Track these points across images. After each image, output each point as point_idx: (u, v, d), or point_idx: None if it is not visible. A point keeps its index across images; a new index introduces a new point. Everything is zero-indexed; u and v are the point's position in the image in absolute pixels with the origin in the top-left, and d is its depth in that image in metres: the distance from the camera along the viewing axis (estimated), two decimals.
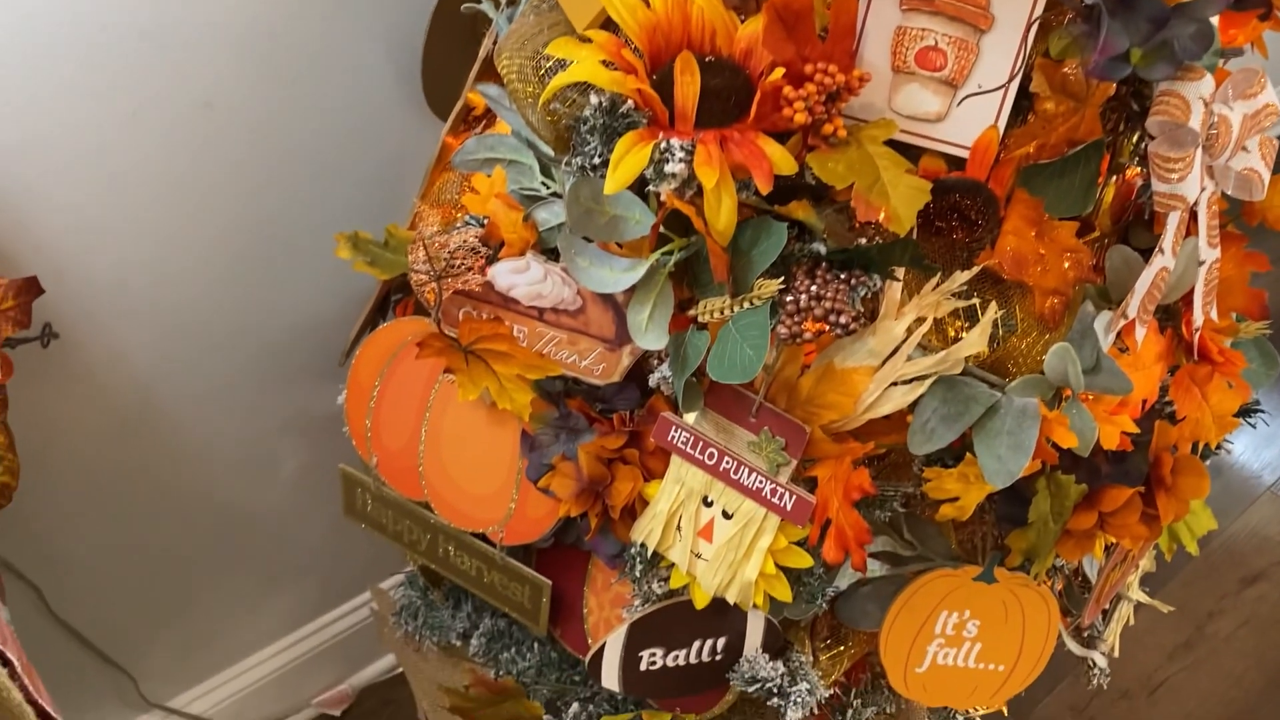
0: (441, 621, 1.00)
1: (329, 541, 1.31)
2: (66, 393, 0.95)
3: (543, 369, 0.78)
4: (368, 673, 1.46)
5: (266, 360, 1.10)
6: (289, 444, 1.18)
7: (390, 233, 0.87)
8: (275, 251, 1.04)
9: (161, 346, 1.01)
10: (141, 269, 0.95)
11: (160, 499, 1.11)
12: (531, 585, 0.89)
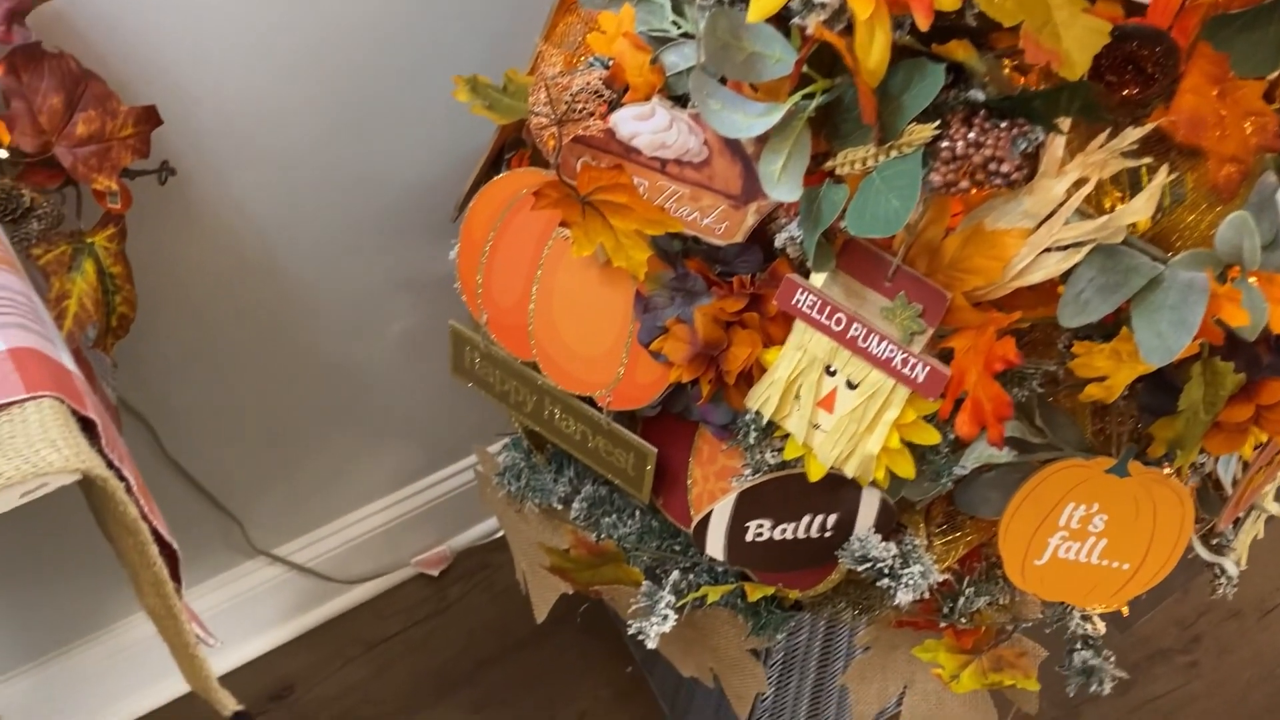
0: (544, 484, 0.99)
1: (435, 404, 1.31)
2: (182, 233, 0.95)
3: (662, 224, 0.74)
4: (466, 536, 1.48)
5: (380, 216, 1.08)
6: (399, 303, 1.18)
7: (509, 78, 0.83)
8: (393, 101, 1.01)
9: (279, 194, 0.99)
10: (261, 109, 0.93)
11: (272, 351, 1.11)
12: (637, 452, 0.87)
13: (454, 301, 1.20)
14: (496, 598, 1.46)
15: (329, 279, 1.10)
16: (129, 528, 0.58)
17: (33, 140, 0.72)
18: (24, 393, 0.53)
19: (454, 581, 1.47)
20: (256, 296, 1.06)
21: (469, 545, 1.49)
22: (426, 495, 1.41)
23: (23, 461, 0.51)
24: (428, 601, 1.45)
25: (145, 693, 1.29)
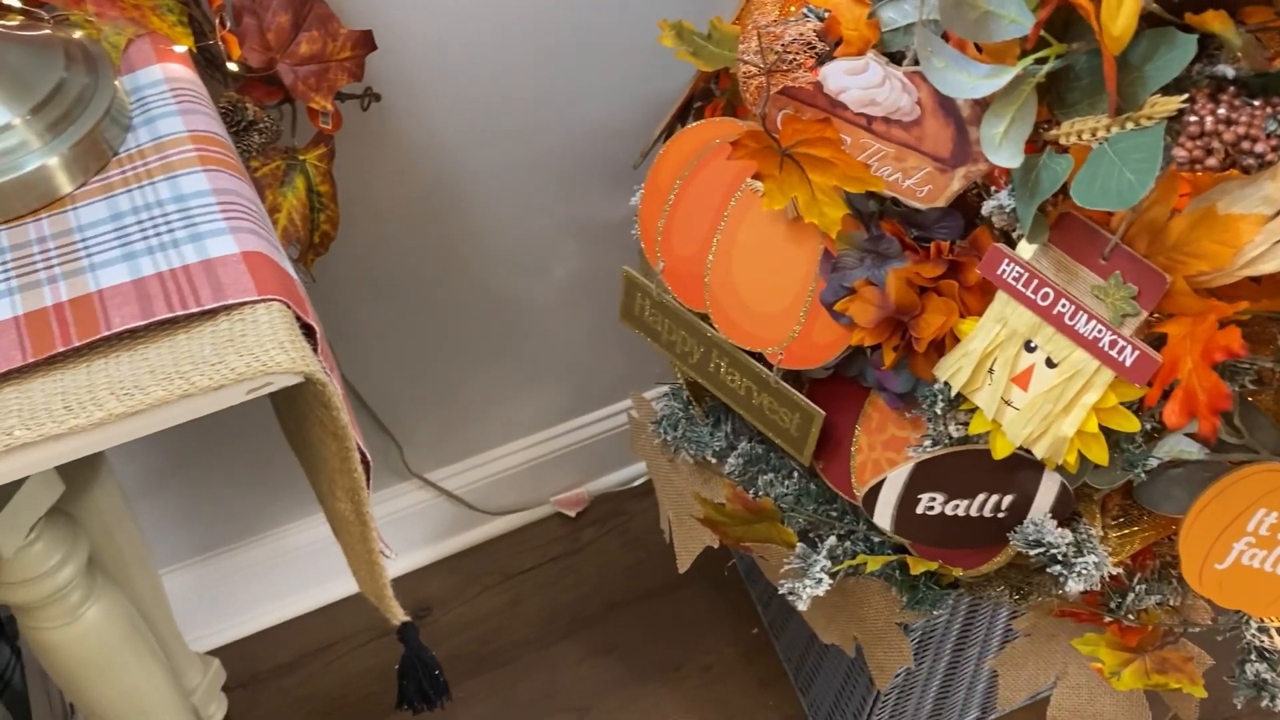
0: (700, 437, 0.99)
1: (590, 348, 1.33)
2: (376, 159, 0.97)
3: (864, 182, 0.73)
4: (604, 481, 1.50)
5: (563, 156, 1.09)
6: (567, 245, 1.19)
7: (714, 25, 0.82)
8: (589, 43, 1.01)
9: (470, 128, 1.01)
10: (463, 41, 0.95)
11: (445, 281, 1.14)
12: (803, 413, 0.86)
13: (620, 249, 1.21)
14: (629, 544, 1.48)
15: (506, 215, 1.12)
16: (336, 434, 0.60)
17: (260, 56, 0.75)
18: (256, 295, 0.56)
19: (589, 524, 1.49)
20: (437, 227, 1.08)
21: (606, 490, 1.51)
22: (571, 437, 1.43)
23: (253, 359, 0.54)
24: (563, 540, 1.47)
25: (297, 597, 1.36)
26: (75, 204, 0.60)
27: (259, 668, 1.34)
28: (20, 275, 0.56)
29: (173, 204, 0.60)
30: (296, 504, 1.28)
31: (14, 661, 1.03)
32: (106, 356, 0.54)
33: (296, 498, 1.27)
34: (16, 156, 0.59)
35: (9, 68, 0.60)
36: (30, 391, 0.52)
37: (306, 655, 1.35)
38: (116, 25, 0.68)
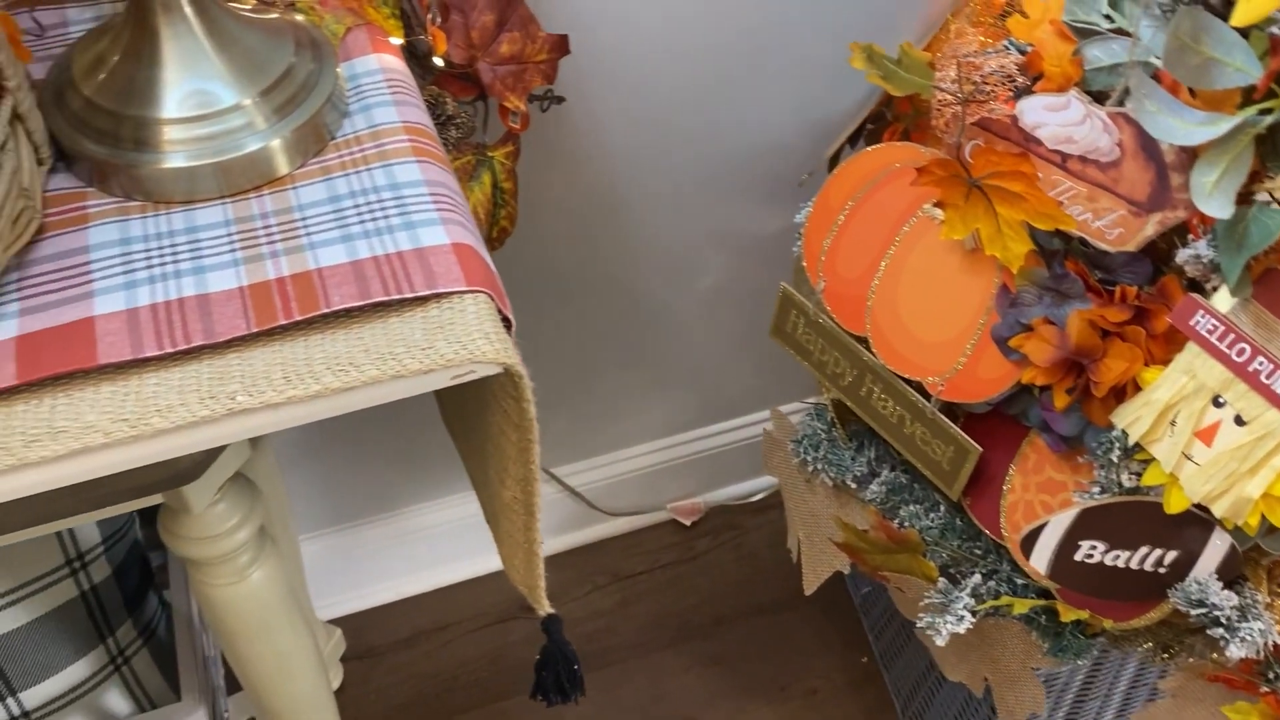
0: (841, 460, 0.99)
1: (722, 360, 1.33)
2: (548, 159, 1.00)
3: (1054, 220, 0.72)
4: (721, 493, 1.51)
5: (725, 168, 1.10)
6: (716, 257, 1.20)
7: (905, 51, 0.82)
8: (765, 59, 1.02)
9: (639, 134, 1.03)
10: (644, 50, 0.96)
11: (594, 281, 1.16)
12: (957, 447, 0.85)
13: (766, 263, 1.22)
14: (741, 559, 1.48)
15: (659, 222, 1.13)
16: (521, 426, 0.62)
17: (462, 53, 0.77)
18: (464, 285, 0.57)
19: (703, 534, 1.50)
20: (591, 228, 1.10)
21: (722, 502, 1.51)
22: (693, 446, 1.44)
23: (460, 347, 0.55)
24: (676, 548, 1.48)
25: (418, 575, 1.39)
26: (295, 183, 0.63)
27: (376, 641, 1.38)
28: (245, 248, 0.59)
29: (388, 191, 0.62)
30: (429, 485, 1.31)
31: (160, 612, 1.07)
32: (323, 332, 0.56)
33: (430, 479, 1.30)
34: (244, 135, 0.62)
35: (246, 50, 0.63)
36: (251, 360, 0.54)
37: (422, 633, 1.38)
38: (337, 14, 0.71)
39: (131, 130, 0.61)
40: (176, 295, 0.56)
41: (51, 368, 0.52)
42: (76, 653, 0.99)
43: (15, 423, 0.51)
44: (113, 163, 0.61)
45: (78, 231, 0.59)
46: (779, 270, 1.22)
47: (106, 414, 0.52)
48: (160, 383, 0.53)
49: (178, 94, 0.62)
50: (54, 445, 0.50)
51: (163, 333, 0.54)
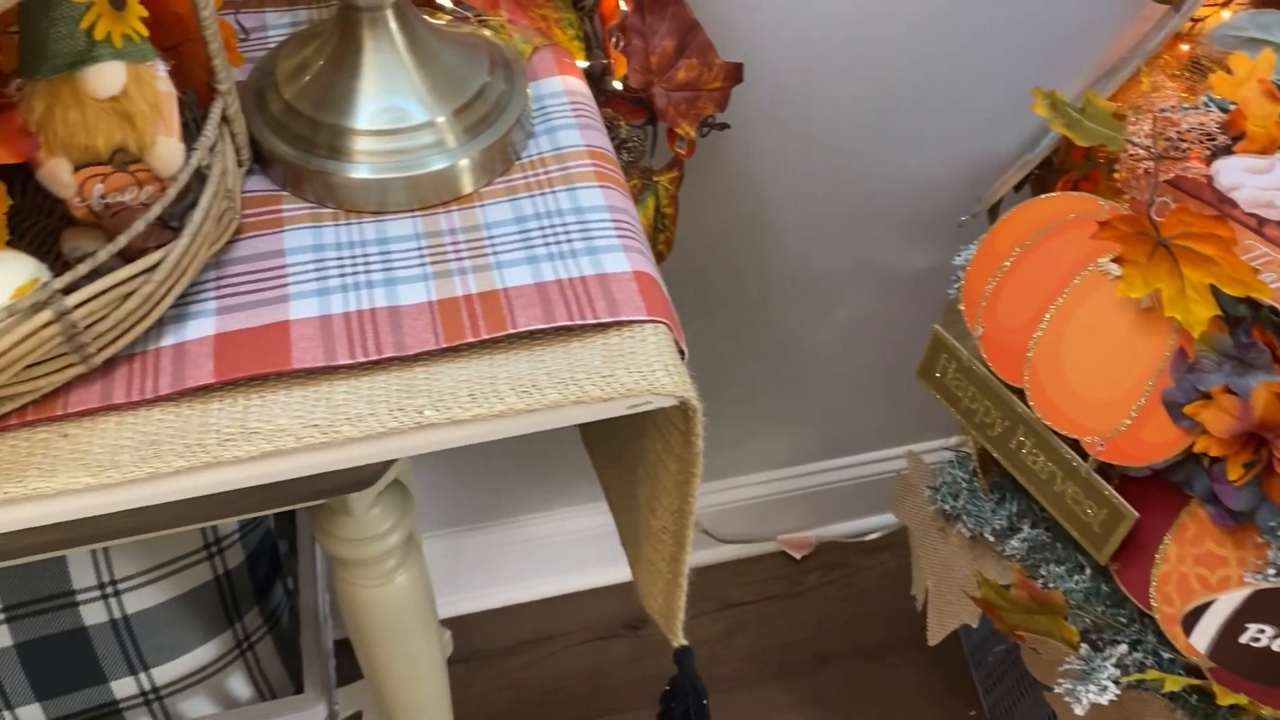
0: (981, 512, 0.96)
1: (852, 396, 1.31)
2: (705, 184, 0.99)
3: (1248, 287, 0.68)
4: (834, 529, 1.48)
5: (872, 203, 1.09)
6: (857, 290, 1.18)
7: (1089, 100, 0.80)
8: (930, 95, 1.00)
9: (795, 163, 1.02)
10: (809, 82, 0.96)
11: (728, 305, 1.15)
12: (1111, 510, 0.82)
13: (909, 301, 1.20)
14: (850, 598, 1.45)
15: (805, 252, 1.12)
16: (685, 458, 0.61)
17: (640, 77, 0.77)
18: (645, 315, 0.57)
19: (812, 569, 1.47)
20: (737, 255, 1.10)
21: (834, 539, 1.49)
22: (811, 479, 1.42)
23: (640, 377, 0.55)
24: (783, 581, 1.46)
25: (527, 584, 1.40)
26: (482, 201, 0.63)
27: (480, 646, 1.39)
28: (434, 263, 0.59)
29: (571, 215, 0.62)
30: (547, 495, 1.32)
31: (285, 602, 1.09)
32: (507, 353, 0.56)
33: (548, 490, 1.31)
34: (434, 152, 0.63)
35: (445, 67, 0.64)
36: (438, 375, 0.55)
37: (526, 643, 1.39)
38: (525, 33, 0.72)
39: (327, 138, 0.63)
40: (369, 305, 0.57)
41: (248, 369, 0.53)
42: (206, 635, 1.01)
43: (211, 420, 0.52)
44: (307, 168, 0.62)
45: (273, 235, 0.61)
46: (922, 308, 1.20)
47: (298, 418, 0.53)
48: (350, 391, 0.54)
49: (373, 106, 0.63)
50: (247, 446, 0.51)
51: (355, 342, 0.55)
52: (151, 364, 0.54)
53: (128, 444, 0.51)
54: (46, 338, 0.49)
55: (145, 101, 0.53)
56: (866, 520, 1.48)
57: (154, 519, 0.56)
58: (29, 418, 0.52)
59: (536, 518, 1.35)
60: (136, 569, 0.96)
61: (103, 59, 0.51)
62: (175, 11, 0.59)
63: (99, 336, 0.52)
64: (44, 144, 0.52)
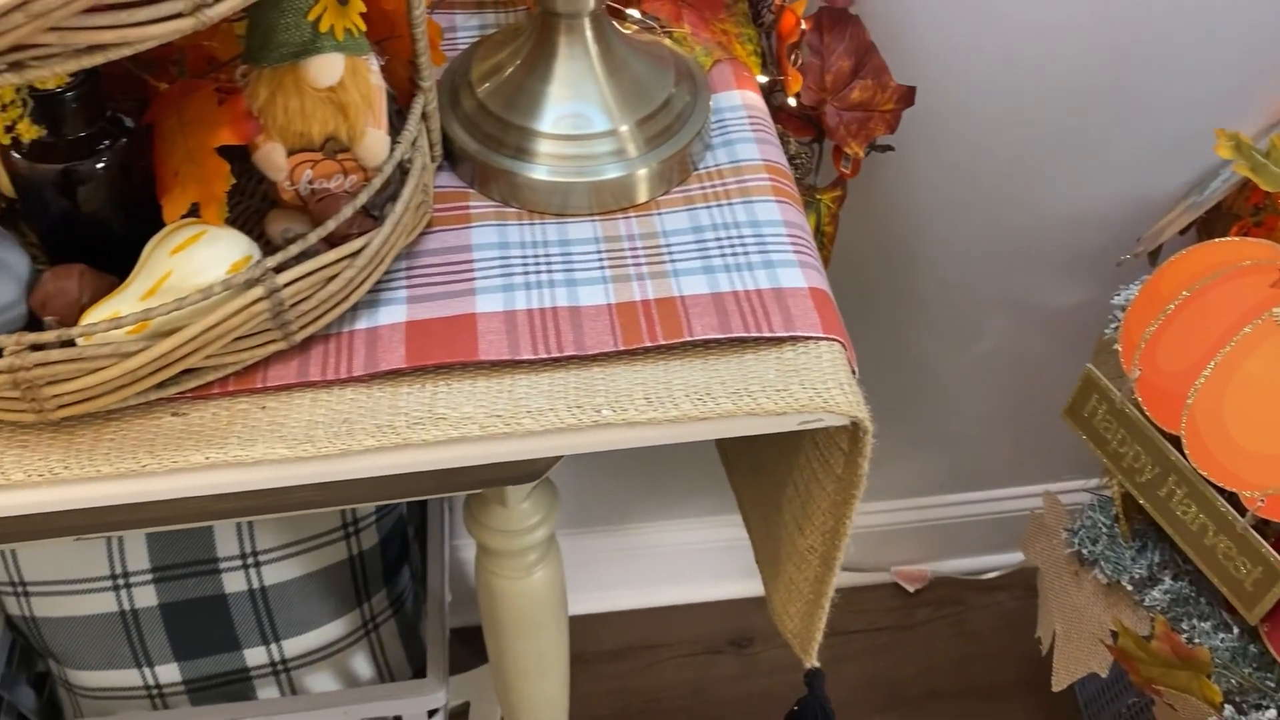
0: (1120, 559, 0.93)
1: (982, 430, 1.29)
2: (863, 205, 0.99)
3: None
4: (949, 564, 1.45)
5: (1023, 234, 1.07)
6: (999, 322, 1.16)
7: (1276, 144, 0.77)
8: (1096, 128, 0.98)
9: (953, 190, 1.01)
10: (976, 109, 0.95)
11: (876, 327, 1.14)
12: (1267, 569, 0.79)
13: (1050, 337, 1.17)
14: (962, 636, 1.42)
15: (949, 280, 1.11)
16: (845, 479, 0.61)
17: (813, 95, 0.78)
18: (820, 332, 0.57)
19: (925, 604, 1.45)
20: (882, 277, 1.09)
21: (950, 574, 1.46)
22: (930, 512, 1.40)
23: (815, 394, 0.55)
24: (895, 613, 1.44)
25: (635, 591, 1.41)
26: (659, 209, 0.64)
27: (585, 648, 1.40)
28: (613, 266, 0.61)
29: (748, 228, 0.63)
30: (666, 504, 1.32)
31: (410, 587, 1.12)
32: (682, 359, 0.57)
33: (668, 499, 1.32)
34: (614, 160, 0.64)
35: (633, 77, 0.66)
36: (615, 376, 0.56)
37: (631, 649, 1.39)
38: (707, 46, 0.73)
39: (514, 138, 0.65)
40: (550, 304, 0.58)
41: (437, 356, 0.55)
42: (335, 612, 1.05)
43: (400, 403, 0.54)
44: (494, 167, 0.64)
45: (461, 230, 0.63)
46: (1064, 345, 1.17)
47: (482, 408, 0.54)
48: (530, 385, 0.55)
49: (558, 111, 0.65)
50: (434, 430, 0.53)
51: (537, 338, 0.56)
52: (346, 345, 0.56)
53: (322, 420, 0.53)
54: (256, 313, 0.52)
55: (359, 93, 0.55)
56: (984, 558, 1.45)
57: (334, 495, 0.58)
58: (230, 388, 0.54)
59: (651, 526, 1.35)
60: (277, 542, 0.99)
61: (325, 50, 0.53)
62: (384, 8, 0.62)
63: (301, 315, 0.54)
64: (264, 129, 0.55)
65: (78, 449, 0.52)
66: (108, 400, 0.51)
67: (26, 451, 0.52)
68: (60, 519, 0.55)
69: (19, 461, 0.51)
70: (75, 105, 0.51)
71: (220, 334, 0.51)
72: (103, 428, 0.53)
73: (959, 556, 1.45)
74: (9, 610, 0.99)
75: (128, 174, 0.54)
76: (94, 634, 0.99)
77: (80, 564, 0.96)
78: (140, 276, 0.52)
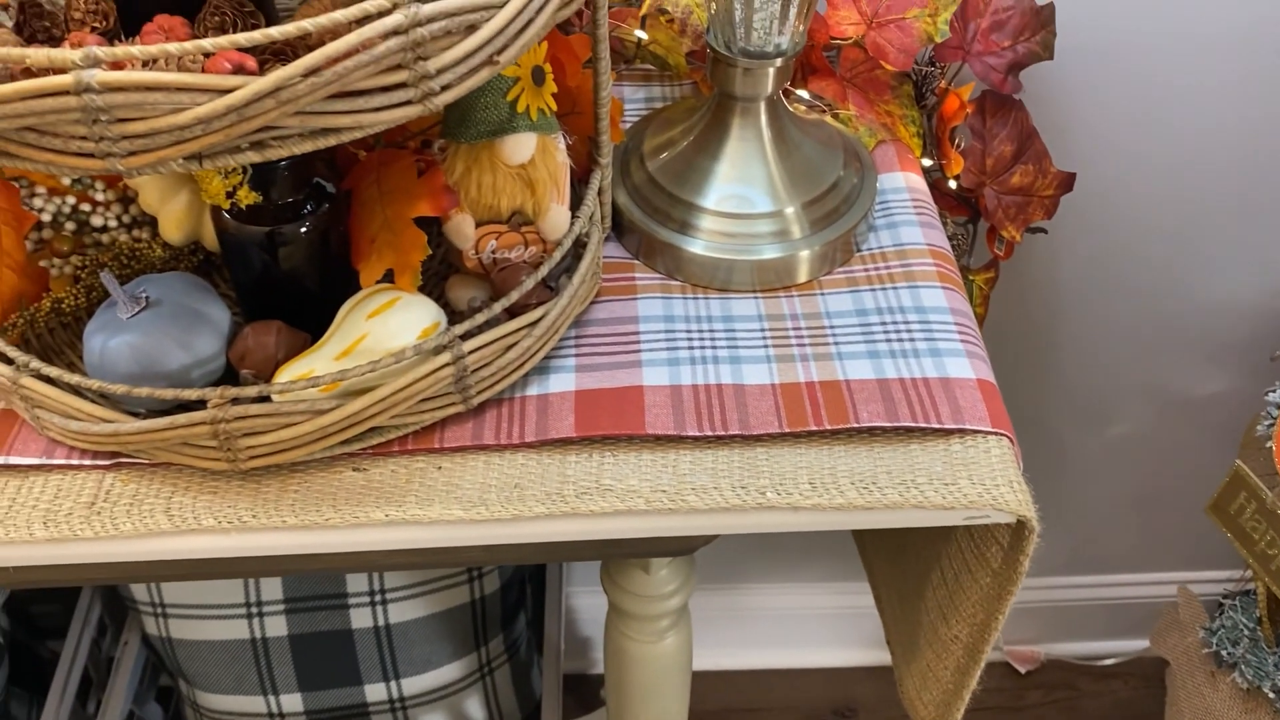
0: (1263, 663, 0.90)
1: (1106, 513, 1.26)
2: (1002, 284, 0.98)
3: None
4: (1063, 648, 1.42)
5: (1167, 320, 1.04)
6: (1134, 406, 1.14)
7: None
8: (1247, 216, 0.96)
9: (1094, 275, 1.00)
10: (1128, 193, 0.93)
11: (1006, 395, 1.12)
12: None
13: (1184, 425, 1.14)
14: None
15: (1088, 360, 1.09)
16: (1003, 575, 0.60)
17: (973, 178, 0.77)
18: (989, 426, 0.57)
19: (1036, 686, 1.41)
20: (1027, 356, 1.08)
21: (1063, 658, 1.42)
22: (1048, 593, 1.36)
23: (984, 490, 0.55)
24: (1004, 694, 1.40)
25: (737, 652, 1.40)
26: (822, 289, 0.65)
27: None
28: (776, 345, 0.61)
29: (913, 313, 0.63)
30: (777, 568, 1.32)
31: (525, 635, 1.13)
32: (846, 445, 0.57)
33: (779, 561, 1.31)
34: (779, 240, 0.65)
35: (804, 159, 0.67)
36: (779, 458, 0.56)
37: (732, 711, 1.38)
38: (871, 127, 0.73)
39: (681, 213, 0.66)
40: (715, 380, 0.59)
41: (605, 428, 0.56)
42: (454, 654, 1.06)
43: (569, 471, 0.55)
44: (660, 240, 0.66)
45: (628, 300, 0.64)
46: (1205, 434, 1.14)
47: (647, 482, 0.55)
48: (695, 462, 0.56)
49: (724, 190, 0.66)
50: (601, 501, 0.54)
51: (702, 415, 0.57)
52: (518, 410, 0.57)
53: (494, 484, 0.55)
54: (441, 377, 0.54)
55: (546, 170, 0.57)
56: (1101, 644, 1.40)
57: (500, 555, 0.59)
58: (409, 446, 0.56)
59: (760, 588, 1.35)
60: (404, 581, 1.01)
61: (520, 130, 0.55)
62: (568, 85, 0.64)
63: (480, 380, 0.56)
64: (457, 201, 0.57)
65: (264, 498, 0.54)
66: (298, 453, 0.53)
67: (216, 498, 0.54)
68: (240, 563, 0.57)
69: (210, 508, 0.54)
70: (286, 173, 0.54)
71: (408, 396, 0.53)
72: (288, 479, 0.55)
73: (1074, 640, 1.41)
74: (147, 629, 1.03)
75: (326, 237, 0.56)
76: (225, 659, 1.02)
77: (218, 590, 1.00)
78: (336, 336, 0.54)
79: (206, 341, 0.54)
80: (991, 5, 0.74)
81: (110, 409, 0.53)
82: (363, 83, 0.42)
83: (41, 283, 0.59)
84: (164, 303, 0.54)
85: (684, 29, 0.73)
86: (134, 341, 0.52)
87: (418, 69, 0.43)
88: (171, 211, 0.58)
